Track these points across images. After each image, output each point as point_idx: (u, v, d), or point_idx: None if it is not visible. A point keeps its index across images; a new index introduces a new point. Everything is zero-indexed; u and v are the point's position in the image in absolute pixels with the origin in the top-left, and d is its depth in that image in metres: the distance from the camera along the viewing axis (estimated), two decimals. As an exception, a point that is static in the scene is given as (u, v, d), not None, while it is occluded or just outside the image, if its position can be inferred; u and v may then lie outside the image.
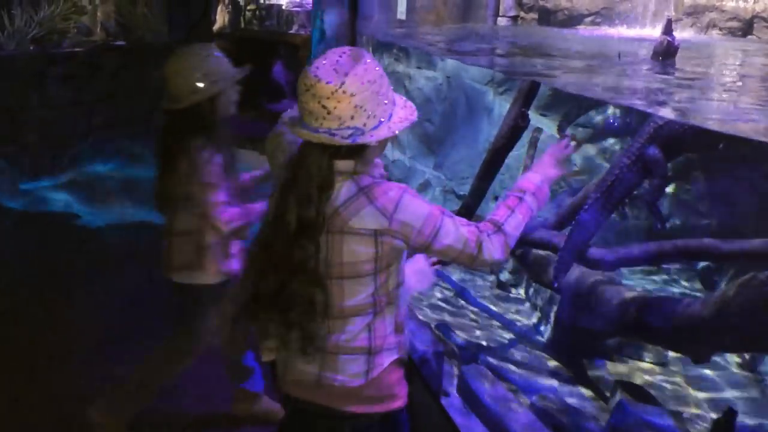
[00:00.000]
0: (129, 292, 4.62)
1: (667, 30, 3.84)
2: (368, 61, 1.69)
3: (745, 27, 6.24)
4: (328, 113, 1.65)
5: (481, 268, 2.01)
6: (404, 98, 1.84)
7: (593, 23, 7.15)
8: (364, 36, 4.38)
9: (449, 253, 1.75)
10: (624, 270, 3.88)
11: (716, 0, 6.35)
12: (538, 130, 3.71)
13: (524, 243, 3.64)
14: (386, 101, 1.71)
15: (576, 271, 3.46)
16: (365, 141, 1.68)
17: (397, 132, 1.72)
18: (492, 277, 5.03)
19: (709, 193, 3.65)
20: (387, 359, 1.82)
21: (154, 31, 8.18)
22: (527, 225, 1.85)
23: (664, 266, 3.97)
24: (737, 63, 4.47)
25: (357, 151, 1.72)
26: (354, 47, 1.80)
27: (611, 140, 4.63)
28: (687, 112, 2.72)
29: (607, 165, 4.64)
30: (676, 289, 4.07)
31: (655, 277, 4.38)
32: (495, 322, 4.48)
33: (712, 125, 2.52)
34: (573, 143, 2.04)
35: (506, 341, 4.27)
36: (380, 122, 1.69)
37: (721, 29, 6.37)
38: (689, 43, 4.89)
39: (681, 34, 6.26)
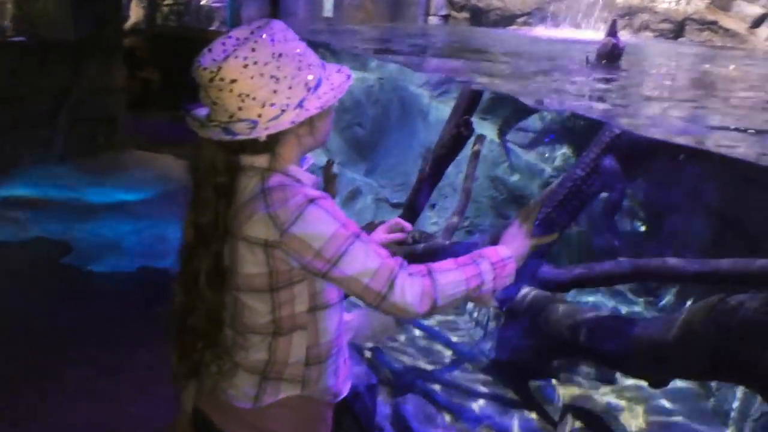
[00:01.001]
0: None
1: (612, 32, 3.67)
2: (262, 37, 1.41)
3: (677, 29, 6.24)
4: (214, 104, 1.42)
5: (394, 314, 1.57)
6: (336, 67, 1.54)
7: (525, 23, 7.04)
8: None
9: (351, 286, 1.43)
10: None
11: (649, 1, 6.31)
12: (481, 138, 3.43)
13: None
14: (293, 84, 1.42)
15: (522, 287, 3.20)
16: (256, 135, 1.41)
17: (309, 115, 1.44)
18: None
19: (662, 206, 3.47)
20: (284, 392, 1.55)
21: (57, 26, 7.51)
22: (470, 295, 1.47)
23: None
24: (685, 67, 4.35)
25: (268, 145, 1.46)
26: (262, 20, 1.48)
27: (554, 145, 4.44)
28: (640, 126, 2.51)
29: (548, 170, 4.47)
30: (618, 303, 3.88)
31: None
32: (435, 342, 4.21)
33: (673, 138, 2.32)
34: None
35: (447, 362, 4.02)
36: (282, 111, 1.42)
37: (653, 31, 6.35)
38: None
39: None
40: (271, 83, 1.39)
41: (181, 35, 10.78)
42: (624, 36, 5.81)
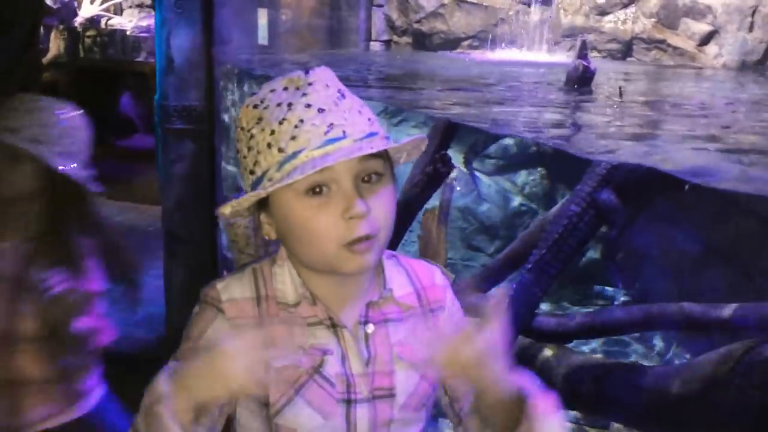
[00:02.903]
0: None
1: (582, 54, 3.44)
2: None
3: (625, 49, 6.15)
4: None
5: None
6: None
7: (470, 47, 6.86)
8: (223, 64, 3.62)
9: None
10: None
11: (594, 22, 6.21)
12: (452, 169, 3.13)
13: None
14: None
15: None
16: None
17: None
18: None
19: (666, 244, 3.24)
20: None
21: (-33, 61, 6.88)
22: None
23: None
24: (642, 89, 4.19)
25: None
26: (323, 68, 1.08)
27: (523, 172, 4.19)
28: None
29: (519, 199, 4.22)
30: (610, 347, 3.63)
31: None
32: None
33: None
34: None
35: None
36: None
37: (600, 51, 6.26)
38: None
39: (560, 56, 6.09)
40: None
41: (107, 68, 10.23)
42: (569, 58, 5.69)
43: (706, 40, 5.76)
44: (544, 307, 3.82)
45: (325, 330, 1.07)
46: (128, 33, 10.26)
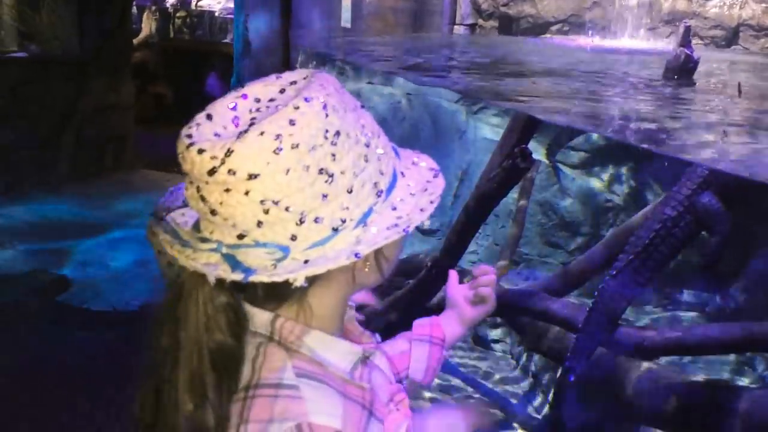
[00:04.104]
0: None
1: (685, 41, 3.14)
2: (307, 100, 0.82)
3: (730, 36, 5.70)
4: (212, 212, 0.82)
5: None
6: (410, 153, 0.95)
7: (560, 32, 6.54)
8: (299, 47, 3.54)
9: None
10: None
11: (698, 6, 5.78)
12: (535, 163, 2.93)
13: (519, 312, 2.83)
14: (356, 183, 0.84)
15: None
16: (287, 275, 0.82)
17: (380, 242, 0.85)
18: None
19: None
20: None
21: (62, 40, 7.12)
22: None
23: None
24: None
25: (285, 292, 0.86)
26: (301, 72, 0.90)
27: (610, 166, 3.92)
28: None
29: (605, 195, 3.97)
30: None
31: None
32: (472, 392, 3.67)
33: None
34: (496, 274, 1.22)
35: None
36: (334, 231, 0.83)
37: (702, 38, 5.82)
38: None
39: (658, 43, 5.70)
40: (319, 182, 0.81)
41: (195, 49, 10.44)
42: (669, 45, 5.31)
43: (824, 27, 5.26)
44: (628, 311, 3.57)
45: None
46: (216, 14, 10.42)
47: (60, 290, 4.78)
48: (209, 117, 0.84)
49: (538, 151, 3.98)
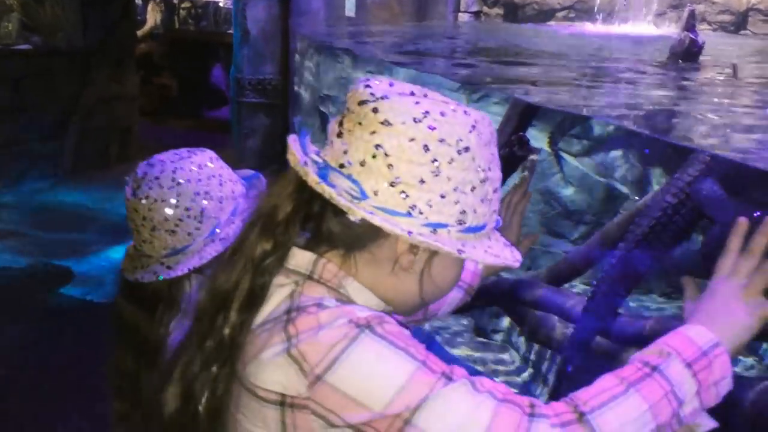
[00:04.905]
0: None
1: (689, 25, 3.09)
2: (466, 114, 0.91)
3: (739, 21, 5.62)
4: (339, 135, 0.92)
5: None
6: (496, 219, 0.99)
7: (566, 18, 6.46)
8: (299, 35, 3.49)
9: None
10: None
11: (706, -10, 5.70)
12: (534, 150, 2.89)
13: (517, 302, 2.79)
14: (448, 196, 0.90)
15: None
16: (356, 209, 0.90)
17: (455, 247, 0.91)
18: (467, 319, 4.20)
19: None
20: None
21: (66, 32, 7.11)
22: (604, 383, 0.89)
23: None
24: None
25: (355, 239, 0.92)
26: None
27: (613, 154, 3.87)
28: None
29: (609, 183, 3.91)
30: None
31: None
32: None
33: None
34: None
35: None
36: (429, 207, 0.91)
37: (710, 23, 5.74)
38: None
39: (665, 29, 5.63)
40: (426, 169, 0.87)
41: (200, 39, 10.41)
42: (675, 30, 5.23)
43: (834, 10, 5.16)
44: (630, 299, 3.52)
45: None
46: (221, 5, 10.39)
47: (63, 282, 4.79)
48: (378, 81, 0.93)
49: (540, 139, 3.92)
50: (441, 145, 0.86)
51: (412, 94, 0.91)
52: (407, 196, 0.87)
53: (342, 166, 0.88)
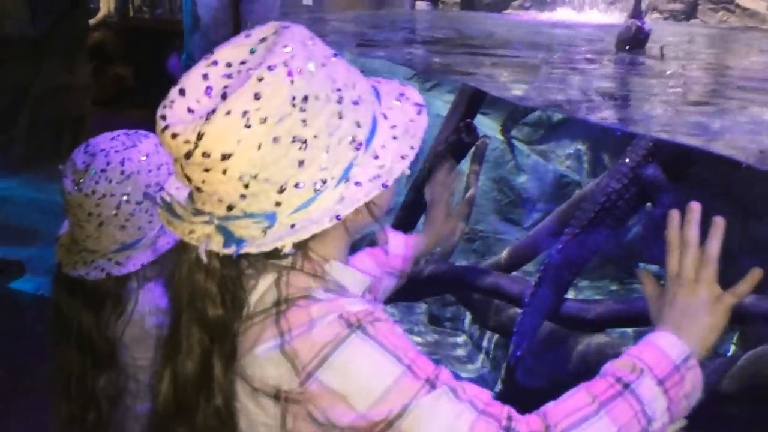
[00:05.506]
0: None
1: (636, 12, 3.14)
2: (272, 68, 0.82)
3: (689, 10, 5.71)
4: (198, 190, 0.87)
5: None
6: (394, 87, 0.97)
7: (521, 7, 6.51)
8: (251, 22, 3.44)
9: None
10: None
11: (656, -21, 5.77)
12: (483, 138, 2.91)
13: (468, 288, 2.82)
14: (332, 143, 0.85)
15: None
16: (276, 242, 0.86)
17: (364, 198, 0.87)
18: (421, 308, 4.23)
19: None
20: None
21: (14, 19, 6.91)
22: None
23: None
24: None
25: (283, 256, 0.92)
26: (267, 27, 0.90)
27: (566, 141, 3.92)
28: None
29: (561, 170, 3.96)
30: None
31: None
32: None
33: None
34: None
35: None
36: (316, 192, 0.86)
37: (661, 12, 5.83)
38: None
39: (616, 18, 5.70)
40: (293, 150, 0.83)
41: (155, 28, 10.20)
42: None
43: (779, 0, 5.28)
44: (584, 285, 3.58)
45: None
46: (176, -8, 10.20)
47: (14, 276, 4.68)
48: (182, 92, 0.86)
49: (492, 127, 3.95)
50: (284, 122, 0.82)
51: (206, 82, 0.86)
52: (303, 182, 0.84)
53: (230, 208, 0.85)
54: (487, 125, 3.94)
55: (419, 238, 1.40)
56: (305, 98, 0.82)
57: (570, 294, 2.59)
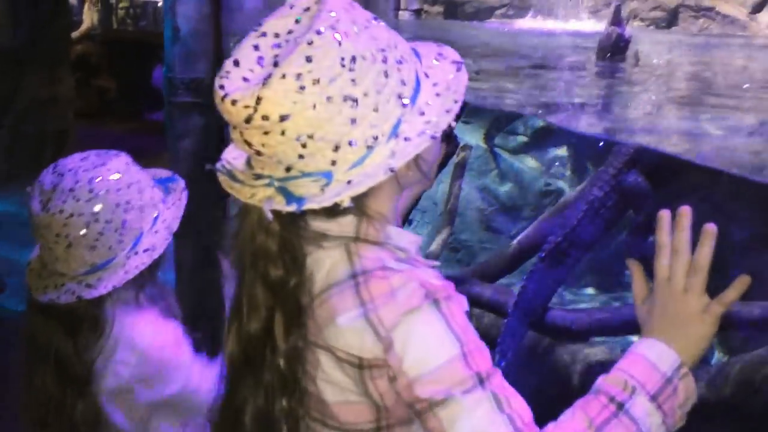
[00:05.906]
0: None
1: (616, 20, 3.15)
2: (320, 31, 0.86)
3: (670, 17, 5.77)
4: (258, 153, 0.90)
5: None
6: (433, 48, 1.00)
7: (504, 16, 6.55)
8: (233, 32, 3.42)
9: None
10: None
11: (638, -12, 5.83)
12: (466, 147, 2.90)
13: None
14: (380, 100, 0.89)
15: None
16: (334, 198, 0.89)
17: (415, 150, 0.90)
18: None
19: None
20: None
21: (-5, 31, 6.87)
22: None
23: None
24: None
25: (342, 212, 0.94)
26: None
27: (550, 149, 3.93)
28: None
29: (545, 179, 3.96)
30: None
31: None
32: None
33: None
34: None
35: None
36: (369, 148, 0.89)
37: (643, 20, 5.88)
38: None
39: (599, 25, 5.74)
40: (345, 108, 0.86)
41: (139, 39, 10.17)
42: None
43: (758, 7, 5.35)
44: (568, 294, 3.58)
45: None
46: (159, 5, 10.18)
47: (-6, 292, 4.60)
48: (236, 63, 0.89)
49: (476, 136, 3.96)
50: (335, 82, 0.85)
51: (258, 52, 0.89)
52: (355, 140, 0.87)
53: (288, 169, 0.89)
54: (470, 134, 3.94)
55: None
56: (353, 59, 0.86)
57: (553, 302, 2.58)
